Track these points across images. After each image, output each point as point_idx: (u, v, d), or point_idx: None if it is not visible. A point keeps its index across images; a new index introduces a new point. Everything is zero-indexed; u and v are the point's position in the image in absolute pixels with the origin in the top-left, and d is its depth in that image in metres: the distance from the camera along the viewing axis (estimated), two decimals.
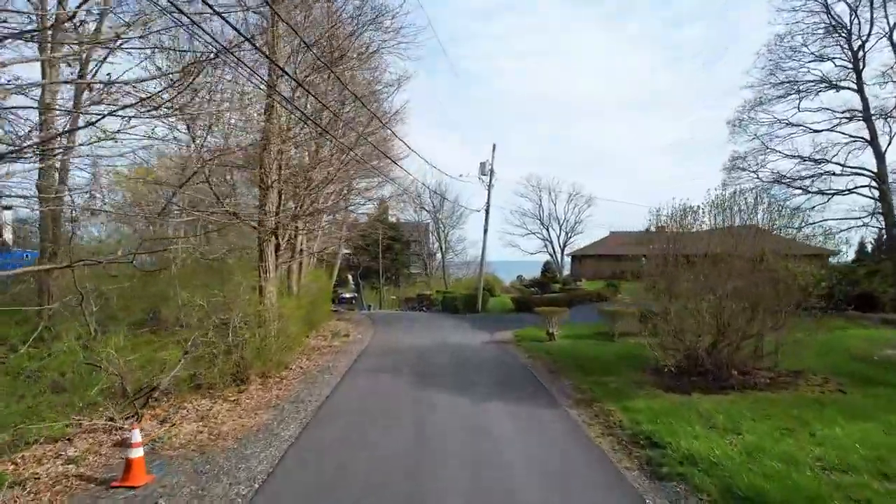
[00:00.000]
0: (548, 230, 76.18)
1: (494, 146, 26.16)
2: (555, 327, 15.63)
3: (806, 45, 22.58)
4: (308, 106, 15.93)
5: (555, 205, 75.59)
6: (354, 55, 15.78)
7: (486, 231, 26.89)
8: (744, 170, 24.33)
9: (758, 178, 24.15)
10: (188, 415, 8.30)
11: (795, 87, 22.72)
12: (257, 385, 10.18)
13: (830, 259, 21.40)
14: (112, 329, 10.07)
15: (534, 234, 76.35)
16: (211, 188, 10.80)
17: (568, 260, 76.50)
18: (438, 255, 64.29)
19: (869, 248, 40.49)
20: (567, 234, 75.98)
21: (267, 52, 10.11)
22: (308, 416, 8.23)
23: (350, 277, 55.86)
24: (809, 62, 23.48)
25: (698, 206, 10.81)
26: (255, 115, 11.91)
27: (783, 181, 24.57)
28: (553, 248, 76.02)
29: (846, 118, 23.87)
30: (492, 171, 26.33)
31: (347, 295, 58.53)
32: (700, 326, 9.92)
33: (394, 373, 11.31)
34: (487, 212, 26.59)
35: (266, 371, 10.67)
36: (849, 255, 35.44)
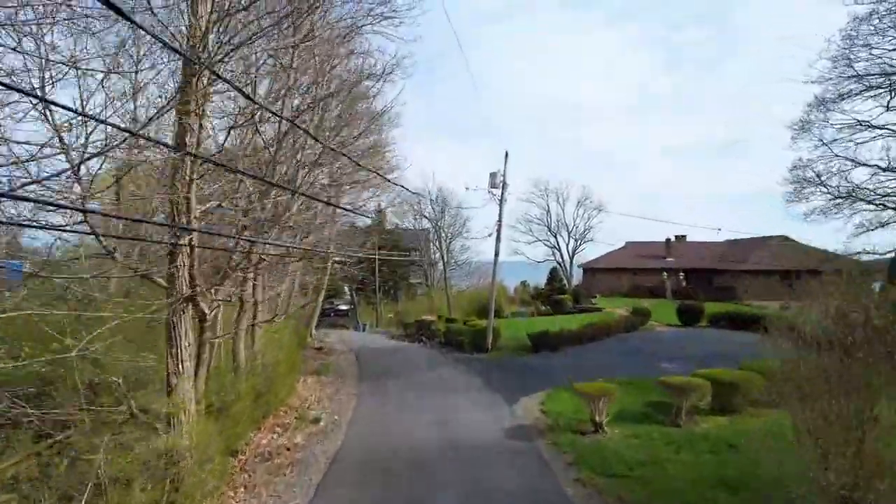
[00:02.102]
0: (556, 237, 71.95)
1: (507, 154, 21.81)
2: (602, 413, 11.27)
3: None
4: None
5: (563, 210, 71.38)
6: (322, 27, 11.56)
7: (497, 254, 22.53)
8: (813, 182, 19.93)
9: (830, 192, 19.78)
10: None
11: (886, 81, 18.35)
12: None
13: None
14: None
15: (541, 241, 72.21)
16: (86, 220, 6.63)
17: (578, 269, 72.57)
18: (440, 265, 60.03)
19: None
20: (576, 241, 71.74)
21: None
22: None
23: (346, 288, 51.61)
24: (893, 50, 19.15)
25: None
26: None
27: (859, 194, 20.25)
28: (561, 256, 71.81)
29: None
30: (504, 182, 21.99)
31: (343, 307, 54.23)
32: None
33: None
34: (499, 232, 22.23)
35: None
36: None
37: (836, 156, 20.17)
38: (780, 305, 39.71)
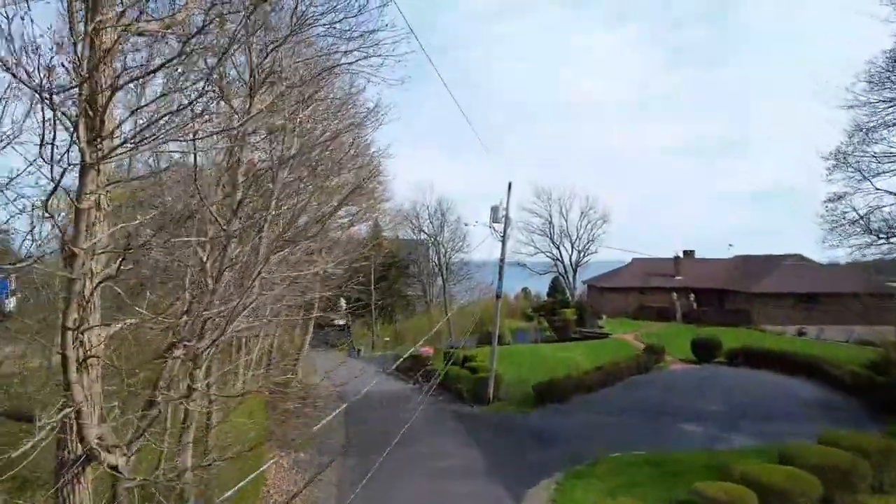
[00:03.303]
0: (558, 249, 69.96)
1: (510, 186, 19.71)
2: None
3: None
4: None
5: (566, 221, 69.44)
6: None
7: (499, 296, 20.55)
8: (854, 223, 17.81)
9: (875, 233, 17.65)
10: None
11: None
12: None
13: None
14: None
15: (542, 252, 70.28)
16: None
17: (580, 279, 70.89)
18: (439, 280, 57.98)
19: None
20: (579, 252, 69.78)
21: None
22: None
23: (343, 302, 49.60)
24: None
25: None
26: None
27: None
28: (564, 268, 69.86)
29: None
30: (506, 217, 19.94)
31: (340, 322, 52.20)
32: None
33: None
34: (501, 272, 20.24)
35: None
36: None
37: (878, 190, 18.09)
38: (798, 330, 37.83)
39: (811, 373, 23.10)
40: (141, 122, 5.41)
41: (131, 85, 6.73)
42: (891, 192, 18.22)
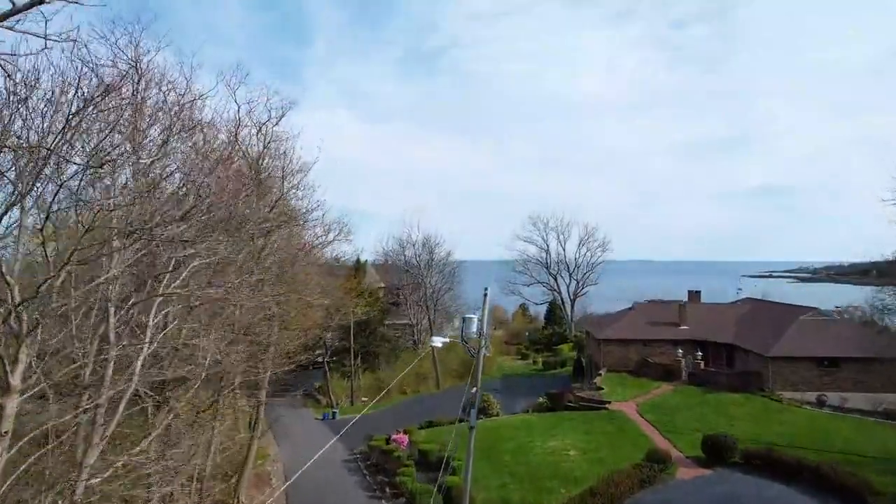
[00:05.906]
0: (556, 279, 66.48)
1: (486, 292, 16.00)
2: None
3: None
4: None
5: (563, 250, 66.01)
6: None
7: (472, 428, 16.81)
8: None
9: None
10: None
11: None
12: None
13: None
14: None
15: (540, 283, 66.87)
16: None
17: (578, 301, 67.79)
18: (426, 321, 54.29)
19: None
20: (577, 282, 66.32)
21: None
22: None
23: (324, 342, 45.89)
24: None
25: None
26: None
27: None
28: (561, 299, 66.37)
29: None
30: (482, 333, 16.19)
31: (320, 359, 48.59)
32: None
33: None
34: (475, 402, 16.52)
35: None
36: None
37: None
38: (818, 398, 34.13)
39: (847, 492, 19.61)
40: None
41: None
42: None
